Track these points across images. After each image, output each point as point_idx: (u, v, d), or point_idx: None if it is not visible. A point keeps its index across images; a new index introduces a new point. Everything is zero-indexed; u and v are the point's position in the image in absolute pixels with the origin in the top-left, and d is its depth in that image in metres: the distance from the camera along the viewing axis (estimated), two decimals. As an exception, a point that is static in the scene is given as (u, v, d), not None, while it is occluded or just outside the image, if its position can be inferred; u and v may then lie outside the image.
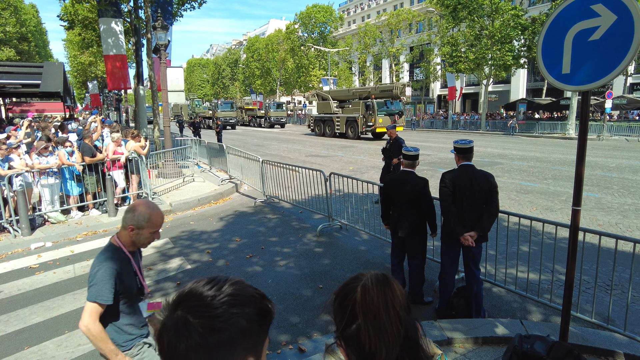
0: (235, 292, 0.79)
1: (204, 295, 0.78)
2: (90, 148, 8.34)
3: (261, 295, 0.85)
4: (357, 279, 1.06)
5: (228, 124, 42.49)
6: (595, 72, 2.78)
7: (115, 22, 14.62)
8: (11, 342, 3.99)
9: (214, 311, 0.76)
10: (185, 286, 0.82)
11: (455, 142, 4.14)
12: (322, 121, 30.76)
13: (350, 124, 27.55)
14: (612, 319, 3.84)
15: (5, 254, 6.52)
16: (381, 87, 27.67)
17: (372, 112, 25.52)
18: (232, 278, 0.83)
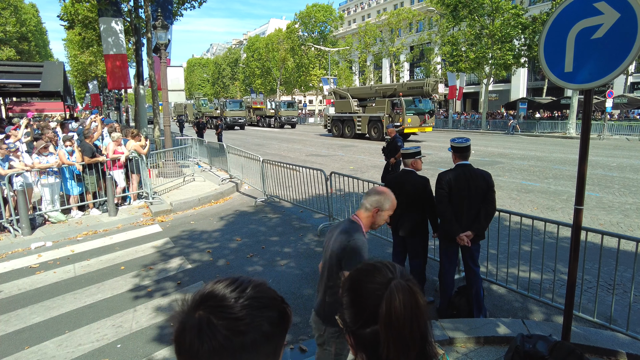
0: (258, 295, 0.78)
1: (227, 296, 0.76)
2: (90, 147, 8.32)
3: (281, 298, 0.83)
4: (379, 280, 0.96)
5: (237, 124, 41.03)
6: (597, 71, 2.76)
7: (115, 22, 14.61)
8: (11, 341, 3.98)
9: (238, 313, 0.74)
10: (207, 285, 0.81)
11: (452, 140, 4.13)
12: (341, 121, 28.74)
13: (374, 124, 25.49)
14: (614, 319, 3.83)
15: (5, 253, 6.51)
16: (409, 84, 25.50)
17: (400, 111, 23.38)
18: (254, 280, 0.82)
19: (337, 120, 29.29)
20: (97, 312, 4.52)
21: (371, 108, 26.22)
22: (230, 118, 40.40)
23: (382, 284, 0.95)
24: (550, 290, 4.55)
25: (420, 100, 24.31)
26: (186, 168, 12.59)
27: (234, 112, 40.95)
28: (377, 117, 25.01)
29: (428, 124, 24.30)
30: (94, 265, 5.91)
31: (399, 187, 4.48)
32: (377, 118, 25.01)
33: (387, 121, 24.05)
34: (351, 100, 27.98)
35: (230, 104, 41.78)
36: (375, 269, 0.99)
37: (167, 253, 6.32)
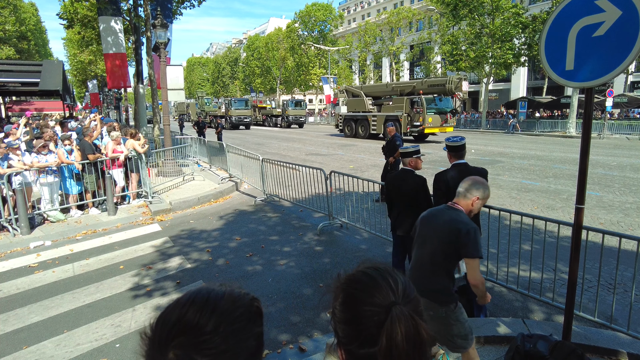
0: (237, 312, 0.70)
1: (202, 326, 0.66)
2: (90, 146, 8.30)
3: (251, 299, 0.76)
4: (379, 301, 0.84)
5: (242, 123, 39.72)
6: (599, 69, 2.74)
7: (114, 21, 14.58)
8: (10, 341, 3.96)
9: (222, 345, 0.65)
10: (171, 315, 0.69)
11: (447, 139, 4.12)
12: (354, 120, 27.11)
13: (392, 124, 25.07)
14: (615, 318, 3.81)
15: (4, 252, 6.49)
16: (430, 82, 23.78)
17: (421, 110, 21.98)
18: (223, 291, 0.73)
19: (349, 119, 27.77)
20: (96, 311, 4.51)
21: (388, 107, 24.84)
22: (236, 117, 39.16)
23: (381, 308, 0.82)
24: (550, 289, 4.53)
25: (440, 98, 22.95)
26: (186, 167, 12.57)
27: (240, 112, 39.52)
28: (395, 116, 23.39)
29: (449, 124, 23.13)
30: (93, 264, 5.89)
31: (398, 187, 4.47)
32: (395, 117, 23.29)
33: (406, 121, 22.81)
34: (365, 99, 26.53)
35: (235, 103, 40.16)
36: (374, 284, 0.86)
37: (166, 252, 6.31)
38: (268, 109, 45.72)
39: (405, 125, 22.81)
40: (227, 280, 5.17)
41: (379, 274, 0.88)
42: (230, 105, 39.74)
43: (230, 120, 38.83)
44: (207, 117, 43.04)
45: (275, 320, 4.26)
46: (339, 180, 7.96)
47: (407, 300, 0.84)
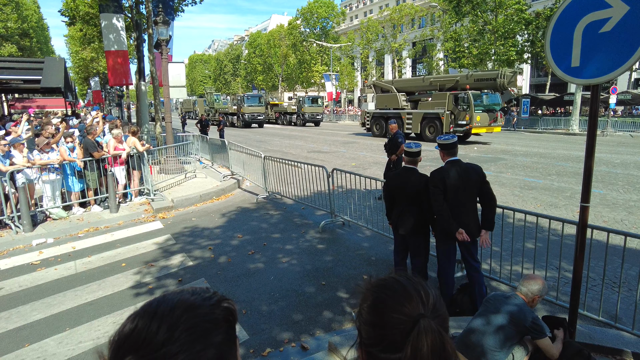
0: (192, 322, 0.65)
1: (158, 341, 0.62)
2: (93, 144, 8.30)
3: (216, 302, 0.71)
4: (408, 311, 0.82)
5: (255, 121, 36.82)
6: (606, 65, 2.71)
7: (116, 18, 14.56)
8: (12, 339, 3.96)
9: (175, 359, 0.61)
10: (124, 327, 0.66)
11: (439, 138, 4.12)
12: (384, 118, 24.42)
13: (430, 122, 21.49)
14: (620, 317, 3.79)
15: (6, 250, 6.50)
16: (477, 75, 21.27)
17: (468, 108, 19.55)
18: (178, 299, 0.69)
19: (379, 117, 25.23)
20: (98, 309, 4.51)
21: (426, 103, 22.42)
22: (249, 115, 36.40)
23: (409, 318, 0.81)
24: (554, 288, 4.51)
25: (487, 94, 20.54)
26: (188, 164, 12.56)
27: (253, 109, 36.60)
28: (435, 114, 21.11)
29: (497, 124, 20.75)
30: (94, 262, 5.89)
31: (401, 185, 4.44)
32: (435, 115, 21.09)
33: (449, 119, 20.40)
34: (398, 95, 24.07)
35: (248, 99, 37.29)
36: (405, 293, 0.85)
37: (168, 250, 6.30)
38: (281, 106, 43.73)
39: (447, 124, 20.46)
40: (230, 278, 5.18)
41: (411, 284, 0.87)
42: (242, 102, 37.14)
43: (243, 117, 36.67)
44: (216, 114, 41.34)
45: (277, 318, 4.25)
46: (341, 177, 7.92)
47: (435, 314, 0.83)
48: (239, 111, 37.08)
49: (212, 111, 43.30)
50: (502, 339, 2.83)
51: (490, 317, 2.96)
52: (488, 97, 20.39)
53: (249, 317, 4.25)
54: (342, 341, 3.53)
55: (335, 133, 29.99)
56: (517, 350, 2.91)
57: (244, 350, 3.71)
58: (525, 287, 3.06)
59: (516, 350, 2.90)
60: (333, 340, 3.55)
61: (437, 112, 20.99)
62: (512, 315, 2.88)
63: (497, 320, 2.90)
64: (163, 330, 0.63)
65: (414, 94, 24.56)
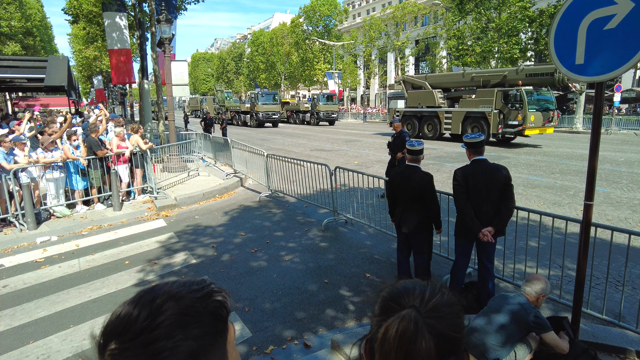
0: (173, 311, 0.65)
1: (137, 328, 0.63)
2: (96, 142, 8.33)
3: (205, 294, 0.70)
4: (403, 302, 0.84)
5: (270, 120, 34.45)
6: (610, 62, 2.69)
7: (119, 17, 14.60)
8: (17, 336, 3.99)
9: (153, 346, 0.62)
10: (112, 314, 0.67)
11: (465, 136, 4.07)
12: (418, 117, 22.45)
13: (474, 122, 19.17)
14: (624, 316, 3.77)
15: (11, 247, 6.54)
16: (531, 70, 18.54)
17: (521, 107, 17.30)
18: (163, 289, 0.70)
19: (411, 116, 22.90)
20: (102, 306, 4.53)
21: (469, 101, 19.92)
22: (263, 113, 33.95)
23: (400, 307, 0.83)
24: (557, 286, 4.49)
25: (540, 91, 18.38)
26: (190, 163, 12.58)
27: (267, 107, 34.14)
28: (480, 113, 18.78)
29: (551, 124, 18.59)
30: (98, 259, 5.92)
31: (404, 183, 4.43)
32: (480, 115, 18.80)
33: (497, 119, 18.08)
34: (435, 92, 21.66)
35: (262, 97, 34.74)
36: (410, 288, 0.86)
37: (171, 248, 6.32)
38: (293, 104, 41.94)
39: (495, 124, 18.14)
40: (233, 276, 5.19)
41: (422, 285, 0.87)
42: (256, 100, 34.38)
43: (257, 116, 34.21)
44: (227, 112, 39.74)
45: (280, 316, 4.26)
46: (344, 176, 7.92)
47: (430, 313, 0.80)
48: (253, 109, 34.85)
49: (222, 109, 41.36)
50: (504, 337, 2.83)
51: (492, 316, 2.96)
52: (541, 94, 18.28)
53: (251, 315, 4.26)
54: (345, 339, 3.54)
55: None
56: (520, 348, 2.90)
57: (247, 348, 3.72)
58: (529, 287, 3.07)
59: (518, 348, 2.90)
60: (336, 338, 3.55)
61: (483, 110, 18.62)
62: (514, 313, 2.88)
63: (499, 318, 2.90)
64: (142, 318, 0.63)
65: (449, 90, 22.30)
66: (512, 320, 2.87)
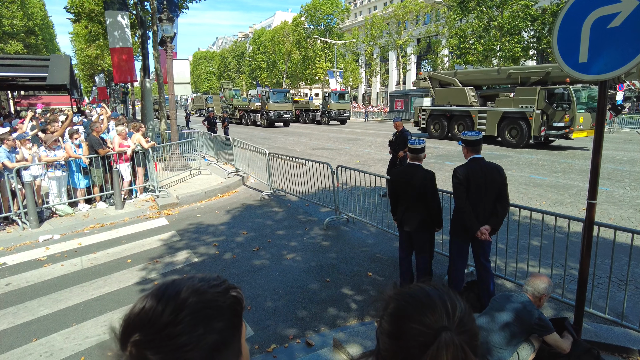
0: (196, 307, 0.67)
1: (162, 323, 0.64)
2: (98, 141, 8.34)
3: (223, 290, 0.72)
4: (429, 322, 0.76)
5: (281, 119, 32.66)
6: (614, 61, 2.68)
7: (121, 16, 14.60)
8: (20, 333, 4.00)
9: (178, 339, 0.63)
10: (134, 307, 0.68)
11: (464, 134, 4.04)
12: (447, 117, 20.69)
13: (512, 123, 17.30)
14: (626, 315, 3.77)
15: (14, 246, 6.55)
16: None
17: (568, 107, 15.67)
18: (186, 284, 0.70)
19: (439, 115, 21.19)
20: (104, 304, 4.54)
21: (506, 100, 18.05)
22: (275, 112, 32.17)
23: (430, 330, 0.74)
24: (560, 285, 4.49)
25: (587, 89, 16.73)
26: (192, 161, 12.60)
27: (279, 105, 32.42)
28: (519, 113, 17.01)
29: None
30: (100, 258, 5.93)
31: (406, 181, 4.42)
32: (519, 115, 17.02)
33: (539, 120, 16.32)
34: (467, 89, 19.82)
35: (274, 95, 32.85)
36: (429, 303, 0.78)
37: (173, 246, 6.33)
38: (302, 103, 40.49)
39: (536, 126, 16.43)
40: (235, 274, 5.19)
41: (437, 293, 0.80)
42: (267, 98, 32.54)
43: (268, 115, 32.48)
44: (235, 111, 38.65)
45: (282, 314, 4.26)
46: (346, 175, 7.92)
47: (462, 329, 0.76)
48: (264, 108, 33.03)
49: (230, 108, 39.80)
50: (507, 337, 2.83)
51: (495, 315, 2.95)
52: (589, 92, 16.42)
53: (254, 313, 4.27)
54: (347, 338, 3.54)
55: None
56: (523, 349, 2.90)
57: (249, 346, 3.72)
58: (531, 286, 3.05)
59: (522, 348, 2.90)
60: (338, 337, 3.56)
61: (523, 110, 16.81)
62: (517, 313, 2.87)
63: (502, 318, 2.90)
64: (168, 312, 0.65)
65: (481, 87, 20.65)
66: (515, 321, 2.86)
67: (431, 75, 22.94)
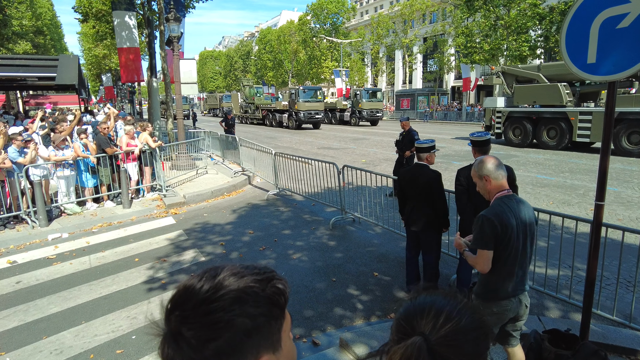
0: (232, 288, 0.70)
1: (198, 299, 0.68)
2: (105, 140, 8.41)
3: (265, 278, 0.73)
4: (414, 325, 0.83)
5: (312, 120, 29.26)
6: (623, 62, 2.67)
7: (128, 16, 14.70)
8: (30, 331, 4.06)
9: (210, 317, 0.66)
10: (179, 286, 0.72)
11: (472, 134, 4.03)
12: (532, 120, 16.99)
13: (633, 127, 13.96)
14: (634, 317, 3.74)
15: (23, 244, 6.64)
16: None
17: None
18: (227, 268, 0.74)
19: (520, 118, 17.44)
20: (112, 303, 4.59)
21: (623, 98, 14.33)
22: (305, 112, 28.85)
23: (411, 330, 0.82)
24: (567, 287, 4.46)
25: None
26: (199, 160, 12.66)
27: (310, 105, 29.07)
28: None
29: None
30: (108, 256, 5.99)
31: (413, 181, 4.42)
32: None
33: None
34: (560, 86, 16.04)
35: (304, 93, 29.43)
36: (426, 309, 0.84)
37: (180, 245, 6.38)
38: (327, 102, 37.36)
39: None
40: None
41: (441, 304, 0.85)
42: (297, 97, 29.12)
43: (297, 116, 29.14)
44: (256, 111, 35.58)
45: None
46: (352, 174, 7.93)
47: (442, 340, 0.79)
48: (292, 108, 29.65)
49: (251, 107, 36.63)
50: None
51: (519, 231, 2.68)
52: None
53: (260, 313, 4.29)
54: (354, 337, 3.55)
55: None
56: None
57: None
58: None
59: None
60: (344, 337, 3.57)
61: None
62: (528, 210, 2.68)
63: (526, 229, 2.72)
64: (204, 291, 0.68)
65: (573, 84, 16.81)
66: None
67: (506, 70, 19.12)
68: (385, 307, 4.41)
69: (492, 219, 2.40)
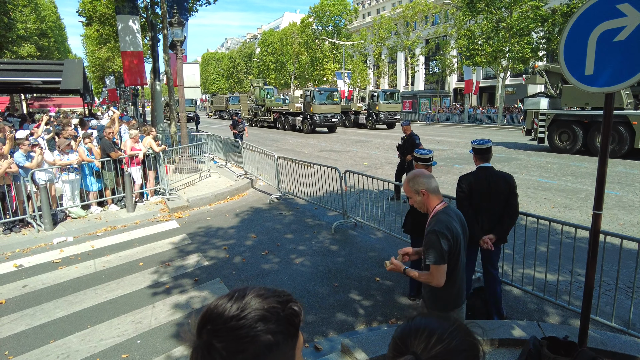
0: (257, 307, 0.81)
1: (227, 316, 0.79)
2: (110, 145, 8.49)
3: (284, 301, 0.84)
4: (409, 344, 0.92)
5: (328, 123, 27.94)
6: (620, 74, 2.71)
7: (132, 20, 14.79)
8: (37, 335, 4.13)
9: (238, 332, 0.77)
10: (211, 304, 0.84)
11: (473, 142, 4.07)
12: (583, 125, 15.41)
13: None
14: (633, 323, 3.78)
15: (29, 248, 6.72)
16: None
17: None
18: (253, 290, 0.85)
19: (569, 122, 15.88)
20: (118, 307, 4.65)
21: None
22: (321, 115, 27.32)
23: (405, 350, 0.91)
24: (566, 292, 4.50)
25: None
26: (202, 164, 12.74)
27: (326, 107, 27.54)
28: None
29: None
30: (113, 261, 6.06)
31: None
32: None
33: None
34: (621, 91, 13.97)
35: (320, 95, 27.78)
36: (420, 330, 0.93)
37: (184, 249, 6.44)
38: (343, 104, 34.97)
39: None
40: (245, 278, 5.28)
41: (436, 326, 0.93)
42: (312, 98, 27.51)
43: (312, 119, 27.53)
44: (267, 113, 33.93)
45: (291, 319, 4.33)
46: (354, 178, 7.97)
47: (431, 359, 0.88)
48: (307, 110, 28.08)
49: (261, 109, 34.89)
50: None
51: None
52: None
53: (263, 318, 4.34)
54: (355, 343, 3.60)
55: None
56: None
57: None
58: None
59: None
60: (346, 342, 3.62)
61: None
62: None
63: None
64: (233, 309, 0.80)
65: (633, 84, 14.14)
66: None
67: (550, 68, 17.43)
68: (386, 313, 4.46)
69: (446, 233, 2.46)
